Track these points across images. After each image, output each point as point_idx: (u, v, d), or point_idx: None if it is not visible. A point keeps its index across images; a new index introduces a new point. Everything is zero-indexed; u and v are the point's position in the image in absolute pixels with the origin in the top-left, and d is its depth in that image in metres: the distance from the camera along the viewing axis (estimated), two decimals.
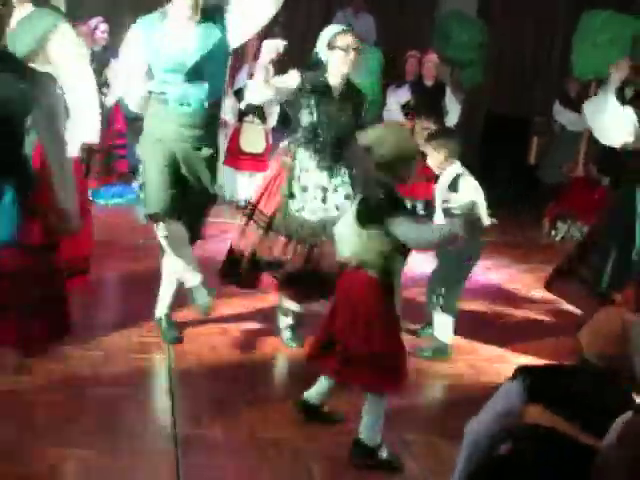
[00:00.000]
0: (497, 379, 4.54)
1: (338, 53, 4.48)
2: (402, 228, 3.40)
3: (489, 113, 10.77)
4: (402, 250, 3.50)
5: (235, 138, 8.09)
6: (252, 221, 4.57)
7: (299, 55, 11.40)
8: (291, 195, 4.47)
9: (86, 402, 3.80)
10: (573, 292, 4.92)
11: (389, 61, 9.04)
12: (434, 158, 4.83)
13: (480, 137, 10.87)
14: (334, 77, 4.52)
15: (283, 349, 4.73)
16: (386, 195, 3.48)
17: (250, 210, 4.60)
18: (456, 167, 4.82)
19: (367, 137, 3.56)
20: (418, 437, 3.86)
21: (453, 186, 4.74)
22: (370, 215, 3.47)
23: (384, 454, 3.55)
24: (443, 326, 4.84)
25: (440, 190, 4.81)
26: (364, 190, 3.61)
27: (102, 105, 7.52)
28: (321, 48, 4.56)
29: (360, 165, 3.86)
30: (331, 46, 4.50)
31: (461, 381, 4.61)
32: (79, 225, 4.11)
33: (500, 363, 4.85)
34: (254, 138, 8.05)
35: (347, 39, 4.49)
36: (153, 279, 4.94)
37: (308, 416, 3.81)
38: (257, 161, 8.06)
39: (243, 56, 8.35)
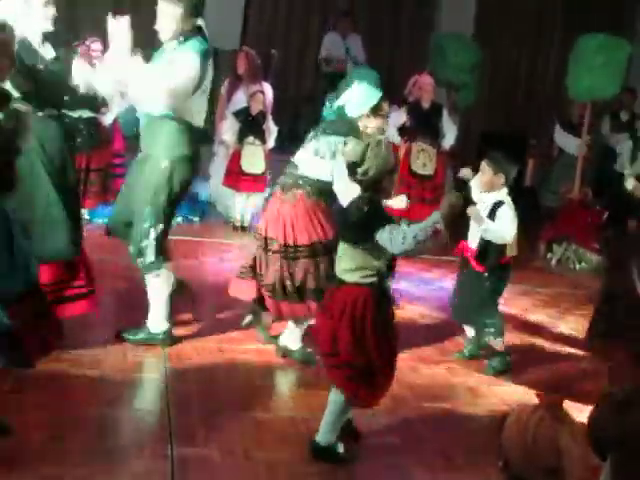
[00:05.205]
0: (492, 403, 4.61)
1: (380, 120, 4.54)
2: (383, 236, 3.45)
3: (484, 133, 10.84)
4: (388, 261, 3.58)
5: (236, 159, 8.06)
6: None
7: (297, 70, 11.61)
8: None
9: (81, 421, 3.79)
10: None
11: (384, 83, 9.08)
12: (487, 178, 4.85)
13: (475, 158, 10.96)
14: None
15: (279, 368, 4.74)
16: (372, 210, 3.51)
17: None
18: (502, 193, 4.89)
19: (349, 154, 3.59)
20: (412, 453, 3.88)
21: (492, 213, 4.82)
22: (359, 232, 3.51)
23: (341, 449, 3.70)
24: (500, 343, 5.03)
25: (481, 209, 4.86)
26: (349, 207, 3.62)
27: (100, 124, 7.66)
28: (355, 109, 4.56)
29: None
30: (375, 113, 4.53)
31: (459, 405, 4.59)
32: None
33: (499, 386, 4.86)
34: (255, 159, 8.04)
35: (385, 105, 4.59)
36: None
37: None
38: (256, 182, 8.08)
39: (240, 77, 8.36)
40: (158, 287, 4.70)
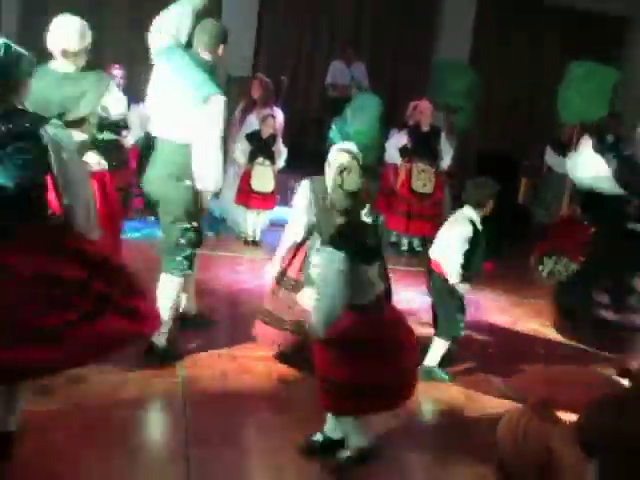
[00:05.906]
0: (487, 408, 4.78)
1: None
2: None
3: (480, 154, 11.17)
4: None
5: (246, 178, 8.28)
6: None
7: (304, 94, 11.95)
8: None
9: (102, 424, 3.91)
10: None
11: (387, 107, 9.45)
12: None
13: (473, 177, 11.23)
14: None
15: (292, 374, 4.85)
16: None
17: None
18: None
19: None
20: (411, 456, 4.12)
21: None
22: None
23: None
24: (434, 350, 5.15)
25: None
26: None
27: (122, 146, 8.05)
28: None
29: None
30: None
31: (453, 407, 4.76)
32: None
33: (490, 395, 5.00)
34: (264, 178, 8.24)
35: None
36: None
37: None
38: (266, 200, 8.31)
39: (254, 102, 8.63)
40: None
